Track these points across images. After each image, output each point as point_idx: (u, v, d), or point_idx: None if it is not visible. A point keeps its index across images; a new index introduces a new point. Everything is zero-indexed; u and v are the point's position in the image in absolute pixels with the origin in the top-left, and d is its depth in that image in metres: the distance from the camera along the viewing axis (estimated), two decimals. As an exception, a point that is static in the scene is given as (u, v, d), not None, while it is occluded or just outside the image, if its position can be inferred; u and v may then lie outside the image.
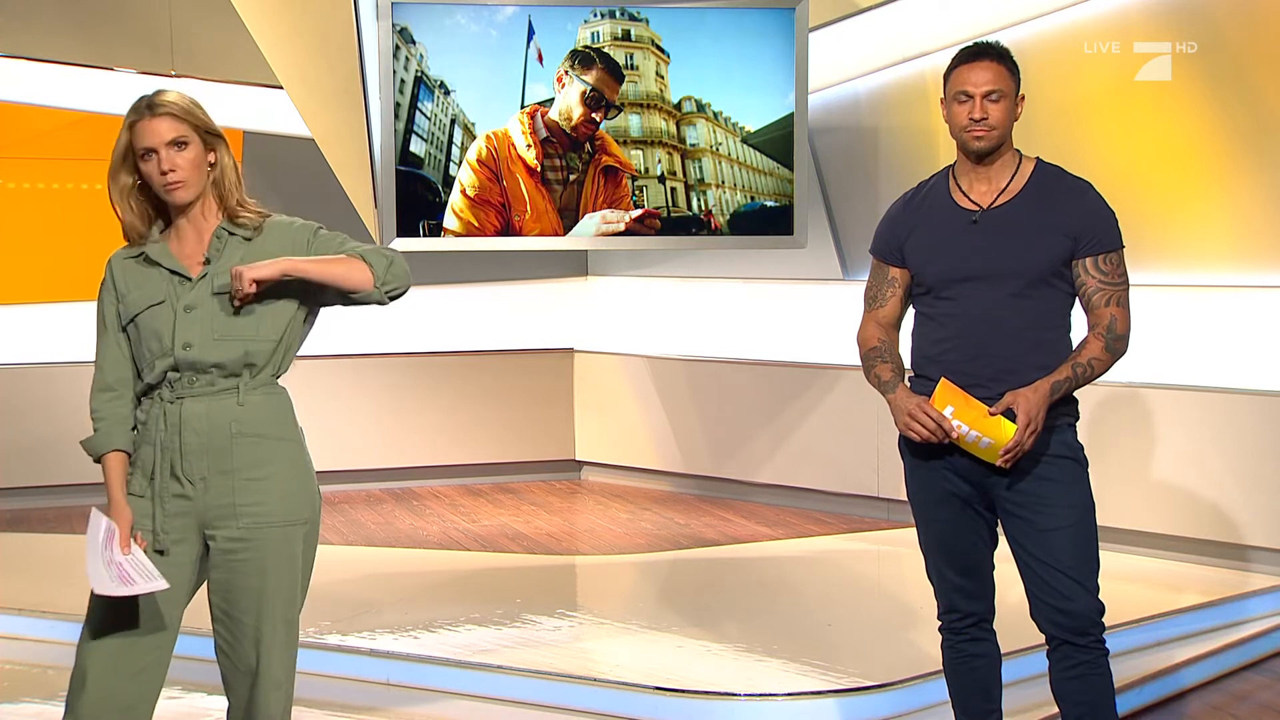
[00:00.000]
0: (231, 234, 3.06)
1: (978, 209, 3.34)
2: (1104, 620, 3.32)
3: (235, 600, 3.03)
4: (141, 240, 3.08)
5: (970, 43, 3.39)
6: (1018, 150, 3.38)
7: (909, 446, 3.40)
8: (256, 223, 3.08)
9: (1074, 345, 3.33)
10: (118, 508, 3.02)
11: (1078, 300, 3.35)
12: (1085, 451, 3.36)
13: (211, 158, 3.03)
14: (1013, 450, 3.19)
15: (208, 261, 3.04)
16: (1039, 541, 3.29)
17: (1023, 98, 3.35)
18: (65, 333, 7.59)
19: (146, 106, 2.98)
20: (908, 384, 3.39)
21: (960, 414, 3.22)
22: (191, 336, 3.00)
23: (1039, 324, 3.29)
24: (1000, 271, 3.28)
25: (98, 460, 3.09)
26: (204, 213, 3.06)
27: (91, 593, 2.98)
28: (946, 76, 3.35)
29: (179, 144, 2.98)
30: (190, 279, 3.03)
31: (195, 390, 3.01)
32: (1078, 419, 3.36)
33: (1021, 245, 3.28)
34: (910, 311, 3.49)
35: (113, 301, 3.08)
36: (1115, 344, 3.29)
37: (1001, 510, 3.34)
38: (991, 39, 3.42)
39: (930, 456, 3.36)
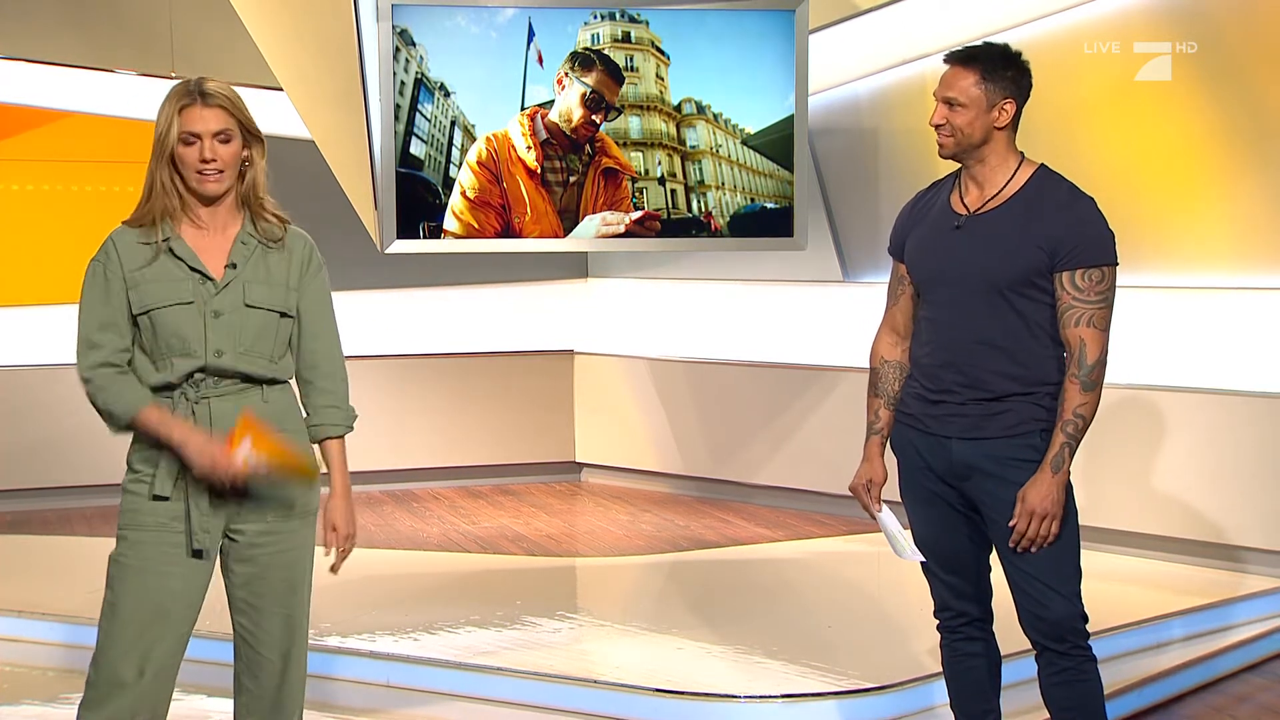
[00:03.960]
0: (257, 240, 3.03)
1: (965, 213, 3.31)
2: (1086, 627, 3.29)
3: (264, 592, 3.05)
4: (155, 225, 2.97)
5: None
6: (1021, 154, 3.31)
7: (893, 446, 3.43)
8: (279, 233, 3.05)
9: (1058, 360, 3.22)
10: (190, 435, 2.92)
11: None
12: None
13: (247, 155, 3.00)
14: (1019, 540, 3.20)
15: (233, 266, 2.99)
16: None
17: (1010, 101, 3.24)
18: (65, 334, 7.55)
19: (199, 93, 2.93)
20: (884, 436, 3.49)
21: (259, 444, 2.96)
22: (223, 344, 2.97)
23: (1015, 335, 3.21)
24: (972, 278, 3.23)
25: (127, 428, 2.96)
26: (228, 210, 3.02)
27: (119, 597, 2.96)
28: None
29: (223, 137, 2.95)
30: (213, 280, 2.98)
31: (220, 390, 2.99)
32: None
33: (996, 252, 3.21)
34: None
35: (120, 288, 2.97)
36: (1090, 377, 3.16)
37: (983, 515, 3.33)
38: (996, 40, 3.41)
39: (912, 457, 3.38)
